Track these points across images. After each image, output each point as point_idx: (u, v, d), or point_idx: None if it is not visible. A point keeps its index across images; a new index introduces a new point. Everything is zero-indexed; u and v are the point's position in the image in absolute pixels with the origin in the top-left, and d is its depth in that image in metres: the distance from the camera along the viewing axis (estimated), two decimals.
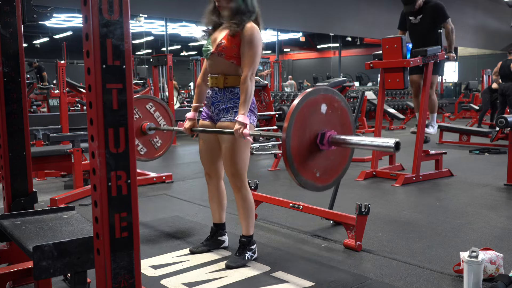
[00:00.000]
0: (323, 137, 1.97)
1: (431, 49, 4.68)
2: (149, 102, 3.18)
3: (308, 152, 1.97)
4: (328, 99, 2.03)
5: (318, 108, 2.00)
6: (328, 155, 2.04)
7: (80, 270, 1.53)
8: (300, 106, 1.92)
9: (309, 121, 1.96)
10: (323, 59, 27.74)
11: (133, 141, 1.25)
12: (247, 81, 2.44)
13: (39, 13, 2.26)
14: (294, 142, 1.91)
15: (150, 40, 20.94)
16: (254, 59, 2.45)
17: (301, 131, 1.94)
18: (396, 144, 1.84)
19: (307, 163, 1.97)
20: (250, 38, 2.43)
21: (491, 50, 19.73)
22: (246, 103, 2.43)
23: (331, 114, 2.04)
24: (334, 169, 2.09)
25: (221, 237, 2.87)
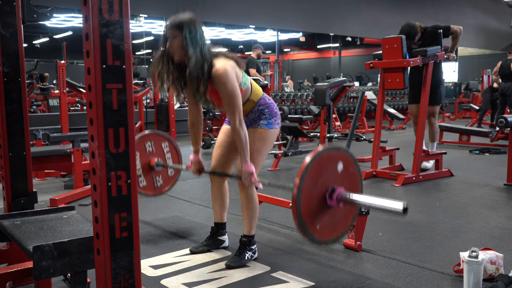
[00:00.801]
0: (332, 193, 2.01)
1: (431, 49, 4.68)
2: (166, 141, 3.23)
3: (316, 207, 2.01)
4: (335, 155, 2.09)
5: (328, 166, 2.05)
6: (333, 213, 2.08)
7: (80, 270, 1.53)
8: (312, 163, 1.97)
9: (320, 178, 2.01)
10: (323, 59, 27.71)
11: (133, 141, 1.25)
12: (237, 129, 2.39)
13: (39, 13, 2.26)
14: (305, 198, 1.96)
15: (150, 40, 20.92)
16: (233, 104, 2.38)
17: (311, 188, 1.99)
18: (404, 209, 1.86)
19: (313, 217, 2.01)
20: (221, 85, 2.37)
21: (491, 50, 19.72)
22: (244, 150, 2.41)
23: (341, 172, 2.09)
24: (334, 228, 2.13)
25: (221, 237, 2.87)
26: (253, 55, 8.04)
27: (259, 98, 2.61)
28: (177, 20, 2.34)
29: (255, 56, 8.01)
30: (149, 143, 3.13)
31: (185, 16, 2.36)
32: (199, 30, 2.35)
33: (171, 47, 2.35)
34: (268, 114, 2.62)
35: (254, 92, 2.59)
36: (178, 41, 2.32)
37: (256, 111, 2.60)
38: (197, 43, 2.32)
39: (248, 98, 2.56)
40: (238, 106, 2.38)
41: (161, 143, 3.19)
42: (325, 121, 6.22)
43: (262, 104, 2.61)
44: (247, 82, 2.54)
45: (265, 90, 5.97)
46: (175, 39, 2.33)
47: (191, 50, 2.31)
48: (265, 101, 2.63)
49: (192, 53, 2.31)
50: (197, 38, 2.33)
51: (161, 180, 3.21)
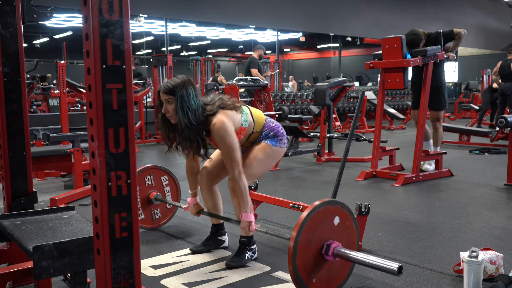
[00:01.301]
0: (328, 248, 2.06)
1: (431, 49, 4.68)
2: (165, 175, 3.29)
3: (312, 260, 2.06)
4: (332, 210, 2.13)
5: (326, 220, 2.10)
6: (329, 266, 2.12)
7: (80, 270, 1.53)
8: (309, 217, 2.02)
9: (316, 231, 2.06)
10: (323, 59, 27.71)
11: (133, 141, 1.25)
12: (237, 181, 2.43)
13: (39, 13, 2.26)
14: (301, 252, 2.00)
15: (150, 40, 20.91)
16: (232, 156, 2.41)
17: (308, 241, 2.03)
18: (399, 269, 1.90)
19: (309, 270, 2.05)
20: (218, 139, 2.41)
21: (491, 50, 19.72)
22: (244, 202, 2.46)
23: (338, 226, 2.14)
24: (331, 281, 2.16)
25: (221, 237, 2.87)
26: (255, 55, 8.14)
27: (262, 127, 2.66)
28: (170, 86, 2.35)
29: (256, 56, 8.12)
30: (148, 177, 3.20)
31: (177, 80, 2.37)
32: (191, 93, 2.36)
33: (167, 111, 2.38)
34: (273, 135, 2.67)
35: (257, 122, 2.64)
36: (172, 106, 2.36)
37: (261, 137, 2.67)
38: (190, 108, 2.34)
39: (252, 131, 2.61)
40: (236, 159, 2.42)
41: (160, 177, 3.28)
42: (325, 121, 6.22)
43: (266, 129, 2.67)
44: (248, 118, 2.57)
45: (265, 90, 5.99)
46: (170, 104, 2.36)
47: (183, 116, 2.33)
48: (269, 125, 2.68)
49: (185, 119, 2.34)
50: (189, 103, 2.35)
51: (159, 213, 3.27)
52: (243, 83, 5.86)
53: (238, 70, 21.23)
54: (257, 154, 2.62)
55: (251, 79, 6.09)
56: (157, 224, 3.27)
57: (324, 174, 5.40)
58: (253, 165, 2.60)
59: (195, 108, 2.36)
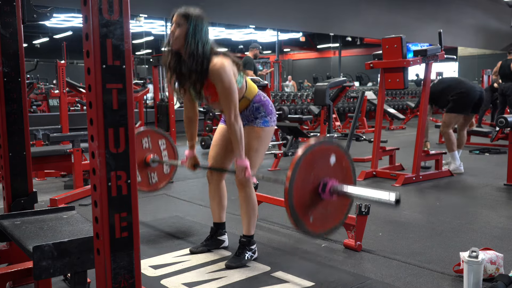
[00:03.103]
0: (324, 186, 2.02)
1: (431, 49, 4.68)
2: (163, 139, 3.22)
3: (309, 200, 2.02)
4: (327, 149, 2.10)
5: (321, 159, 2.06)
6: (327, 205, 2.09)
7: (80, 270, 1.53)
8: (304, 156, 1.98)
9: (312, 171, 2.02)
10: (323, 59, 27.72)
11: (133, 141, 1.25)
12: (232, 124, 2.39)
13: (39, 13, 2.26)
14: (297, 192, 1.96)
15: (150, 40, 20.92)
16: (229, 98, 2.39)
17: (303, 181, 1.99)
18: (397, 200, 1.88)
19: (306, 210, 2.02)
20: (218, 79, 2.37)
21: (491, 50, 19.70)
22: (239, 144, 2.41)
23: (334, 165, 2.10)
24: (328, 220, 2.14)
25: (221, 237, 2.87)
26: (250, 55, 7.79)
27: (253, 96, 2.61)
28: (187, 11, 2.36)
29: (252, 56, 7.76)
30: (146, 139, 3.12)
31: (195, 10, 2.38)
32: (204, 27, 2.37)
33: (173, 33, 2.36)
34: (264, 112, 2.62)
35: (249, 90, 2.60)
36: (182, 30, 2.33)
37: (251, 108, 2.61)
38: (200, 38, 2.34)
39: (243, 95, 2.56)
40: (234, 101, 2.39)
41: (158, 140, 3.19)
42: (325, 121, 6.22)
43: (257, 101, 2.61)
44: (242, 81, 2.55)
45: (265, 90, 5.99)
46: (179, 27, 2.34)
47: (192, 44, 2.32)
48: (260, 98, 2.63)
49: (192, 47, 2.32)
50: (201, 34, 2.34)
51: (156, 177, 3.20)
52: None
53: None
54: (252, 145, 2.57)
55: (251, 79, 6.08)
56: (154, 188, 3.19)
57: None
58: (252, 156, 2.55)
59: (205, 41, 2.36)
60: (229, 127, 2.41)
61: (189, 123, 2.73)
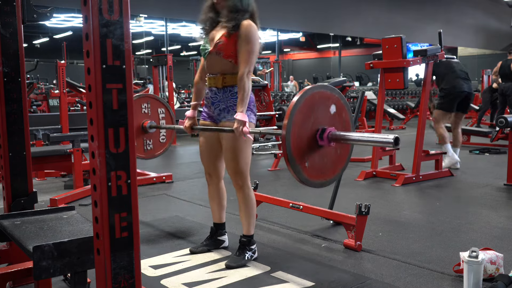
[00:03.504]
0: (322, 133, 1.99)
1: (431, 49, 4.68)
2: (163, 107, 3.18)
3: (307, 148, 1.98)
4: (327, 96, 2.05)
5: (317, 106, 2.01)
6: (327, 152, 2.05)
7: (80, 270, 1.53)
8: (300, 103, 1.94)
9: (309, 118, 1.98)
10: (323, 59, 27.73)
11: (133, 141, 1.25)
12: (244, 79, 2.41)
13: (39, 13, 2.26)
14: (294, 139, 1.92)
15: (150, 40, 20.93)
16: (250, 56, 2.42)
17: (300, 128, 1.95)
18: (395, 139, 1.86)
19: (306, 159, 1.98)
20: (247, 35, 2.42)
21: (491, 50, 19.72)
22: (244, 100, 2.40)
23: (330, 112, 2.06)
24: (332, 167, 2.11)
25: (221, 237, 2.87)
26: None
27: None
28: None
29: None
30: (145, 105, 3.07)
31: None
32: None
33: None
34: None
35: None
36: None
37: (232, 91, 2.52)
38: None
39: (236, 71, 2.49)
40: (252, 60, 2.44)
41: (157, 108, 3.13)
42: None
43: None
44: None
45: (265, 90, 6.01)
46: None
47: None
48: None
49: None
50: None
51: (151, 145, 3.14)
52: None
53: None
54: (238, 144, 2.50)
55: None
56: (150, 155, 3.14)
57: None
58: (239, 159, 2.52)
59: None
60: (240, 81, 2.42)
61: (200, 82, 2.71)
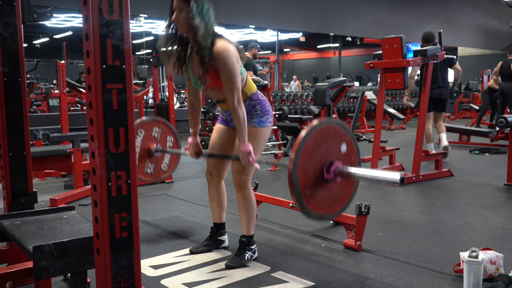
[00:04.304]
0: (329, 166, 1.99)
1: (431, 49, 4.68)
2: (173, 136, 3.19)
3: (313, 181, 1.98)
4: (336, 132, 2.06)
5: (324, 140, 2.02)
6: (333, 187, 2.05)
7: (80, 270, 1.53)
8: (308, 137, 1.95)
9: (316, 152, 1.98)
10: (323, 59, 27.71)
11: (133, 141, 1.25)
12: (236, 109, 2.37)
13: (39, 13, 2.26)
14: (301, 173, 1.93)
15: (150, 40, 20.92)
16: (233, 81, 2.36)
17: (307, 163, 1.96)
18: (401, 179, 1.87)
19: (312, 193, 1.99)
20: (222, 62, 2.35)
21: (491, 50, 19.70)
22: (243, 129, 2.39)
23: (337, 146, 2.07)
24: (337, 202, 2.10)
25: (221, 237, 2.87)
26: (249, 55, 7.50)
27: (252, 93, 2.60)
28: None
29: (250, 56, 7.49)
30: (157, 129, 3.08)
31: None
32: (206, 5, 2.36)
33: (177, 20, 2.35)
34: (260, 111, 2.60)
35: (248, 85, 2.59)
36: (184, 14, 2.32)
37: (248, 105, 2.57)
38: (203, 17, 2.33)
39: (242, 88, 2.53)
40: (237, 85, 2.37)
41: (167, 135, 3.14)
42: None
43: (254, 99, 2.59)
44: (244, 73, 2.54)
45: (265, 90, 5.99)
46: (181, 12, 2.34)
47: (197, 22, 2.30)
48: (257, 97, 2.62)
49: (198, 25, 2.31)
50: (203, 13, 2.33)
51: (152, 169, 3.14)
52: None
53: None
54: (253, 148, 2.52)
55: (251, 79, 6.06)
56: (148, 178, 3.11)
57: None
58: None
59: (208, 19, 2.35)
60: (233, 112, 2.40)
61: (192, 110, 2.72)
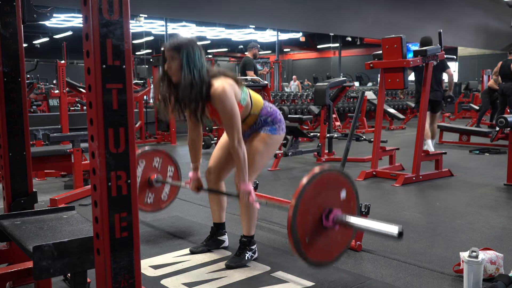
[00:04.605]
0: (329, 214, 2.02)
1: (431, 49, 4.68)
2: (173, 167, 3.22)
3: (312, 228, 2.01)
4: (336, 179, 2.10)
5: (325, 188, 2.06)
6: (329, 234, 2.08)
7: (80, 270, 1.53)
8: (309, 185, 1.97)
9: (316, 200, 2.01)
10: (323, 59, 27.71)
11: (133, 141, 1.25)
12: (236, 149, 2.40)
13: (39, 13, 2.26)
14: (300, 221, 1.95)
15: (150, 40, 20.92)
16: (232, 123, 2.39)
17: (307, 210, 1.98)
18: (399, 233, 1.87)
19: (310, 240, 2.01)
20: (219, 105, 2.37)
21: (491, 50, 19.70)
22: (243, 169, 2.42)
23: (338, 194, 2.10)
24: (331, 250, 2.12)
25: (221, 237, 2.87)
26: (249, 55, 7.56)
27: (260, 110, 2.63)
28: (175, 42, 2.34)
29: (251, 56, 7.53)
30: (157, 159, 3.13)
31: (183, 38, 2.37)
32: (197, 52, 2.36)
33: (169, 68, 2.36)
34: (271, 121, 2.64)
35: (255, 105, 2.61)
36: (177, 63, 2.33)
37: (259, 122, 2.63)
38: (195, 66, 2.33)
39: (249, 112, 2.58)
40: (236, 125, 2.39)
41: (168, 165, 3.20)
42: (325, 121, 6.22)
43: (263, 114, 2.63)
44: (247, 98, 2.55)
45: (265, 90, 5.99)
46: (173, 61, 2.34)
47: (188, 74, 2.31)
48: (266, 110, 2.65)
49: (189, 77, 2.31)
50: (195, 61, 2.33)
51: (151, 199, 3.18)
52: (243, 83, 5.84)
53: (238, 70, 21.22)
54: (257, 147, 2.59)
55: (251, 79, 6.07)
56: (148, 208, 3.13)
57: None
58: (255, 159, 2.57)
59: (200, 67, 2.35)
60: (233, 152, 2.43)
61: (192, 144, 2.74)
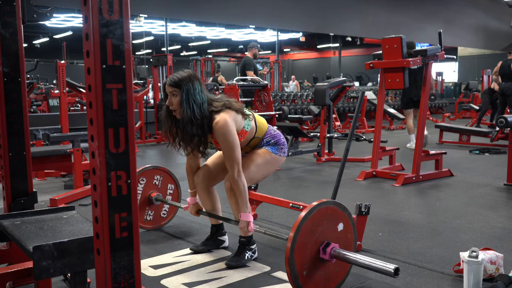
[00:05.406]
0: (326, 247, 2.06)
1: (431, 49, 4.68)
2: (173, 184, 3.29)
3: (310, 261, 2.05)
4: (334, 212, 2.15)
5: (323, 221, 2.10)
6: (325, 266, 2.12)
7: (80, 270, 1.53)
8: (306, 219, 2.02)
9: (314, 233, 2.06)
10: (323, 59, 27.72)
11: (133, 141, 1.25)
12: (236, 180, 2.44)
13: (39, 13, 2.26)
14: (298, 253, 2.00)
15: (150, 40, 20.92)
16: (232, 155, 2.42)
17: (305, 243, 2.03)
18: (395, 270, 1.90)
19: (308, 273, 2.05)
20: (220, 138, 2.42)
21: (491, 50, 19.70)
22: (244, 201, 2.47)
23: (335, 227, 2.15)
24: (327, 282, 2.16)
25: (221, 237, 2.87)
26: (249, 55, 7.49)
27: (264, 133, 2.67)
28: (176, 78, 2.37)
29: (251, 56, 7.47)
30: (158, 177, 3.18)
31: (183, 74, 2.39)
32: (197, 87, 2.38)
33: (171, 104, 2.39)
34: (274, 143, 2.69)
35: (260, 128, 2.65)
36: (178, 99, 2.37)
37: (262, 143, 2.68)
38: (195, 102, 2.36)
39: (254, 136, 2.62)
40: (237, 158, 2.43)
41: (168, 183, 3.26)
42: (325, 121, 6.22)
43: (267, 136, 2.68)
44: (251, 123, 2.58)
45: (265, 90, 5.99)
46: (174, 97, 2.38)
47: (188, 110, 2.35)
48: (270, 133, 2.70)
49: (190, 113, 2.35)
50: (195, 96, 2.37)
51: (151, 216, 3.21)
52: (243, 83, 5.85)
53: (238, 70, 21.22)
54: (256, 159, 2.64)
55: (251, 79, 6.07)
56: (148, 225, 3.18)
57: (324, 174, 5.40)
58: (251, 168, 2.61)
59: (200, 102, 2.38)
60: (233, 183, 2.46)
61: (191, 171, 2.77)
